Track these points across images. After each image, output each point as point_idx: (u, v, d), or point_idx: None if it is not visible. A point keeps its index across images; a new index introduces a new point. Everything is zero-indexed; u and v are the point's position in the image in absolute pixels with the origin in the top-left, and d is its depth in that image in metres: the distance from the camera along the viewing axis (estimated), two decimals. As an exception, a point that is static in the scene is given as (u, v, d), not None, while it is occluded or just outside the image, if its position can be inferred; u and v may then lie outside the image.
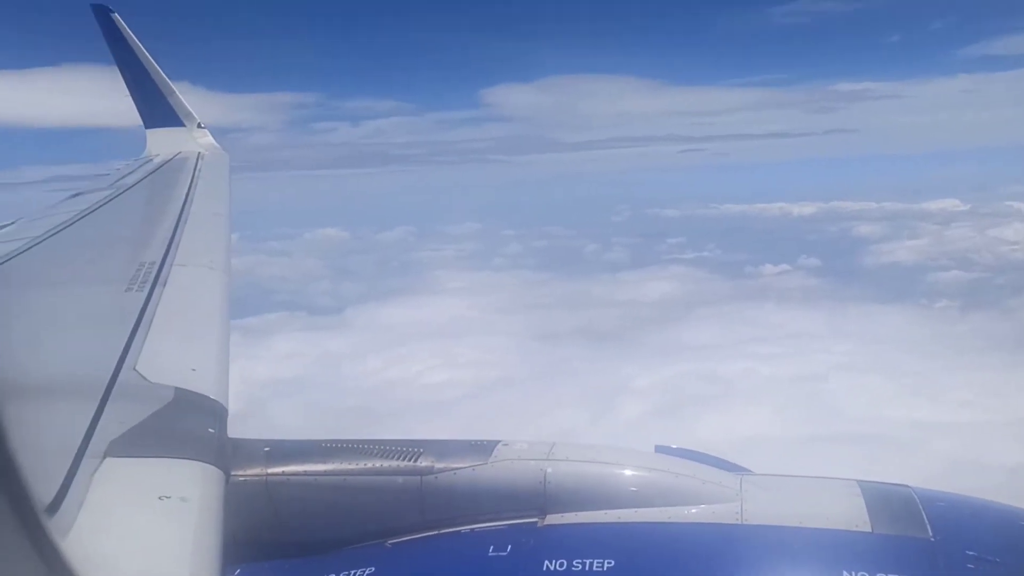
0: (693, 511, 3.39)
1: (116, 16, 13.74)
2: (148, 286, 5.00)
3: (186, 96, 14.53)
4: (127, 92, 14.32)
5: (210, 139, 14.52)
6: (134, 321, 4.22)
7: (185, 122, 14.46)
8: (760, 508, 3.37)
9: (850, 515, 3.28)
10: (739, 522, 3.32)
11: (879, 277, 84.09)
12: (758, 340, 54.27)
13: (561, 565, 3.19)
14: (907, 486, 3.55)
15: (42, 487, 1.61)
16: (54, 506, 2.07)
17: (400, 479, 3.60)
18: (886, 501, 3.40)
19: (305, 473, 3.64)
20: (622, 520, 3.40)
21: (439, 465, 3.60)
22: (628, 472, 3.56)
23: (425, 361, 50.98)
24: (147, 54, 13.99)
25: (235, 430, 3.43)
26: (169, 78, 14.34)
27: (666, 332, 59.72)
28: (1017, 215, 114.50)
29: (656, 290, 78.21)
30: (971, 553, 3.09)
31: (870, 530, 3.22)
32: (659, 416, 39.17)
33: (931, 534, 3.18)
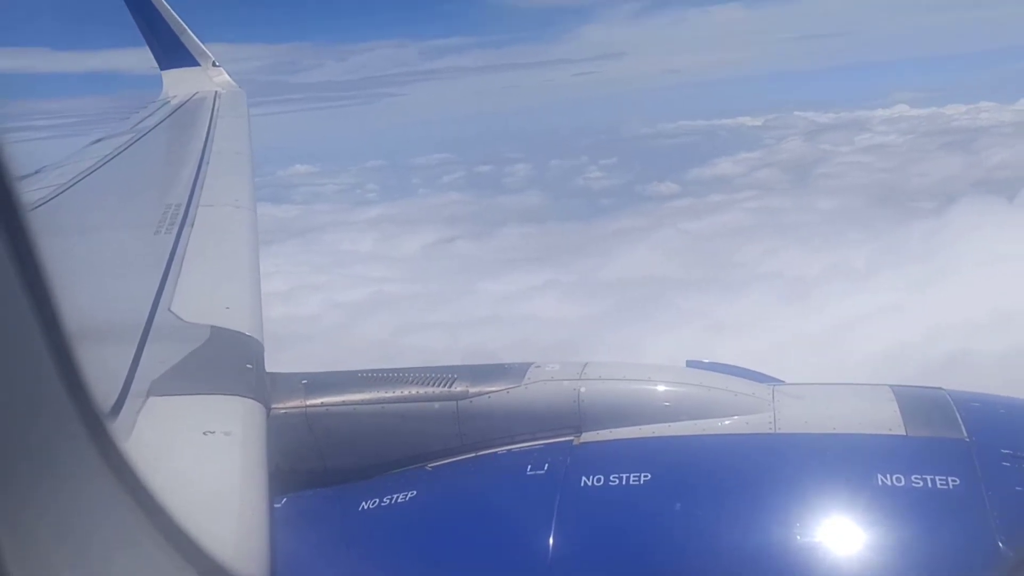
0: (726, 423, 3.41)
1: None
2: (176, 227, 5.04)
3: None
4: (140, 34, 14.22)
5: (225, 77, 14.37)
6: (165, 263, 4.27)
7: (200, 61, 14.32)
8: (793, 417, 3.38)
9: (883, 419, 3.28)
10: (772, 431, 3.34)
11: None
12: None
13: (598, 480, 3.24)
14: (940, 388, 3.53)
15: None
16: None
17: (437, 405, 3.65)
18: (919, 404, 3.39)
19: (343, 403, 3.70)
20: (657, 434, 3.43)
21: (473, 389, 3.64)
22: (661, 388, 3.58)
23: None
24: None
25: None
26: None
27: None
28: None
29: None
30: (1007, 451, 3.09)
31: (904, 433, 3.21)
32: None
33: (966, 434, 3.17)
